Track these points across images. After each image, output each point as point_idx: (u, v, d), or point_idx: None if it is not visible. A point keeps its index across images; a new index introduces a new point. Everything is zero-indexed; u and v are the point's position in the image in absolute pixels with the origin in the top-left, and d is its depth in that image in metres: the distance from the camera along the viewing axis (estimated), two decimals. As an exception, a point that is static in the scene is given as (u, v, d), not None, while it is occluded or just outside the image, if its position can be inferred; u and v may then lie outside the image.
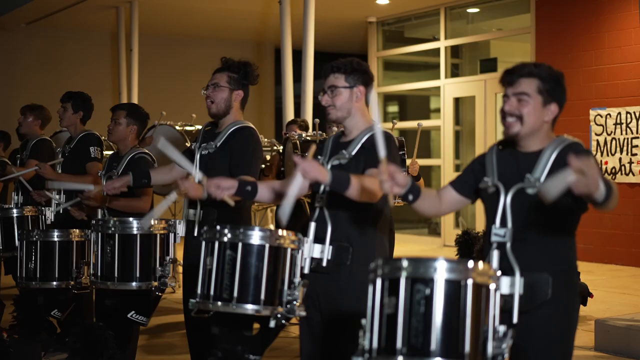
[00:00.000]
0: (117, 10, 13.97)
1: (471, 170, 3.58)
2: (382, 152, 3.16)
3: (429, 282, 2.76)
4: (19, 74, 15.57)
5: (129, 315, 5.20)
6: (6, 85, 15.48)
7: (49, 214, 6.73)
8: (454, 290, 2.77)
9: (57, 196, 6.51)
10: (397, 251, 7.53)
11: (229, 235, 3.64)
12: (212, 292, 3.64)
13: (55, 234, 5.65)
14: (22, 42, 15.68)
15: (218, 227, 3.68)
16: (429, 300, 2.75)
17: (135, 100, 13.08)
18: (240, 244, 3.62)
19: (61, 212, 6.43)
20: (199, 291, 3.69)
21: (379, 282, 2.86)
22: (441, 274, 2.76)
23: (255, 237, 3.64)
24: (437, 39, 14.31)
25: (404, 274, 2.78)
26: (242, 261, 3.61)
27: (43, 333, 6.43)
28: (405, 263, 2.80)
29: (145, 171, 5.20)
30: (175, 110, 12.07)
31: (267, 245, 3.63)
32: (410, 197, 3.36)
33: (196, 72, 14.66)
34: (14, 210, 6.68)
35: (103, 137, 7.09)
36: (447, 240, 13.53)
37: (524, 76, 3.35)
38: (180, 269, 6.55)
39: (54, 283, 5.62)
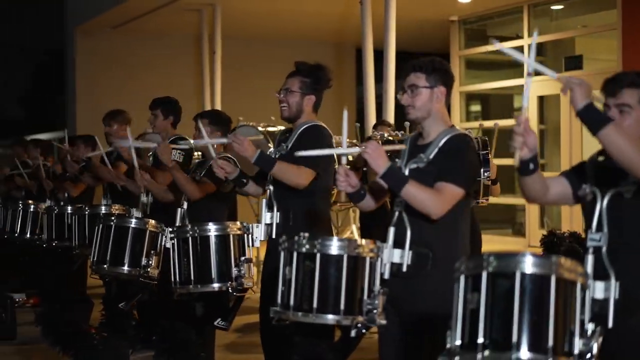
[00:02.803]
0: (200, 13, 14.13)
1: (576, 171, 3.54)
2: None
3: (511, 276, 2.76)
4: (104, 78, 15.90)
5: (215, 323, 5.24)
6: (92, 89, 15.82)
7: (136, 214, 6.83)
8: (538, 284, 2.76)
9: (145, 198, 6.62)
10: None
11: (307, 246, 3.62)
12: (292, 303, 3.62)
13: (132, 221, 5.71)
14: (107, 47, 16.00)
15: (296, 238, 3.66)
16: (510, 294, 2.75)
17: (218, 103, 13.22)
18: (318, 255, 3.59)
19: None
20: (279, 300, 3.69)
21: (462, 279, 2.86)
22: (525, 268, 2.76)
23: (334, 247, 3.61)
24: (521, 37, 14.11)
25: (486, 269, 2.79)
26: (321, 271, 3.58)
27: (130, 331, 6.53)
28: (489, 258, 2.81)
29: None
30: (258, 111, 12.15)
31: (345, 255, 3.60)
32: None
33: (278, 74, 14.66)
34: (102, 208, 6.80)
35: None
36: (532, 240, 13.32)
37: (627, 87, 3.28)
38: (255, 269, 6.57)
39: (125, 269, 5.64)
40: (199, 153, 6.58)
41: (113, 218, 5.75)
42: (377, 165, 3.55)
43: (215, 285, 4.95)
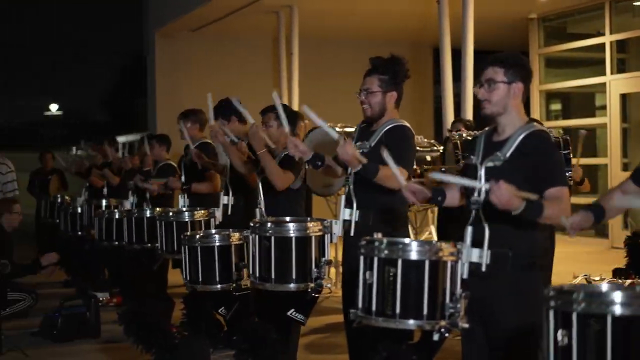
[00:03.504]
0: (278, 15, 14.22)
1: None
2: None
3: (601, 318, 2.57)
4: (183, 80, 16.11)
5: (288, 313, 5.26)
6: (172, 91, 16.05)
7: (218, 214, 6.91)
8: (630, 327, 2.57)
9: (226, 198, 6.70)
10: (563, 253, 7.32)
11: (387, 251, 3.61)
12: (373, 308, 3.61)
13: (216, 238, 5.78)
14: (187, 49, 16.22)
15: (376, 243, 3.64)
16: (602, 336, 2.57)
17: (295, 104, 13.28)
18: (399, 260, 3.58)
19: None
20: (360, 304, 3.68)
21: (551, 314, 2.71)
22: (616, 309, 2.56)
23: (414, 252, 3.59)
24: (602, 34, 13.83)
25: (576, 309, 2.62)
26: (402, 277, 3.57)
27: (211, 331, 6.59)
28: (578, 296, 2.63)
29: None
30: (336, 111, 12.15)
31: (426, 261, 3.58)
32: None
33: (355, 74, 14.69)
34: (186, 215, 6.90)
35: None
36: (615, 242, 13.05)
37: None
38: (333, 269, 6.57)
39: (218, 286, 5.76)
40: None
41: (197, 238, 5.82)
42: (510, 206, 3.43)
43: (294, 286, 4.97)
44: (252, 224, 5.13)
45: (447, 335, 3.62)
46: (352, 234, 4.78)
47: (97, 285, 9.72)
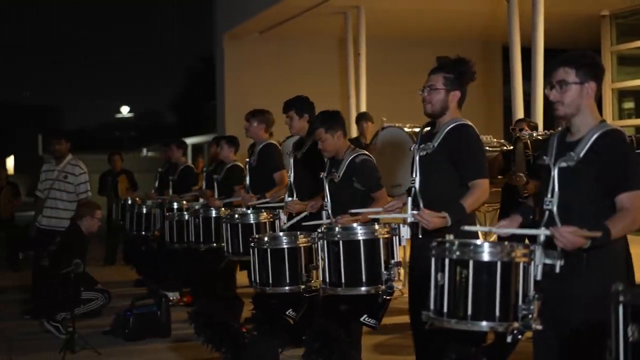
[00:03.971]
0: (345, 15, 14.23)
1: None
2: None
3: None
4: (252, 82, 16.22)
5: (361, 319, 5.24)
6: (240, 93, 16.17)
7: (283, 217, 6.92)
8: None
9: (290, 200, 6.71)
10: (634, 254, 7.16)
11: (458, 253, 3.56)
12: (445, 309, 3.57)
13: (284, 241, 5.80)
14: (255, 51, 16.32)
15: (447, 244, 3.61)
16: None
17: (363, 104, 13.26)
18: (471, 262, 3.53)
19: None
20: (431, 305, 3.64)
21: (620, 309, 2.69)
22: None
23: (486, 253, 3.54)
24: (677, 31, 13.55)
25: None
26: (474, 278, 3.52)
27: (280, 330, 6.62)
28: None
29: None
30: (404, 111, 12.10)
31: (498, 262, 3.52)
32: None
33: (423, 74, 14.64)
34: (251, 216, 6.94)
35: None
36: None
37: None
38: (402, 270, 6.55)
39: (286, 288, 5.77)
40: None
41: (266, 241, 5.85)
42: (577, 246, 3.51)
43: (364, 289, 4.96)
44: (319, 230, 5.14)
45: (520, 337, 3.57)
46: (419, 235, 4.74)
47: (167, 284, 9.83)
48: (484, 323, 3.53)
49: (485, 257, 3.53)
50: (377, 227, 5.00)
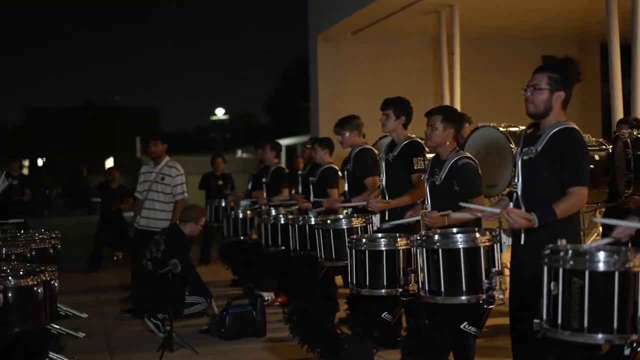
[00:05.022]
0: (438, 14, 14.12)
1: None
2: None
3: None
4: (346, 83, 16.24)
5: (461, 326, 5.19)
6: (334, 94, 16.21)
7: (376, 220, 6.91)
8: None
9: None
10: None
11: (572, 262, 3.49)
12: (559, 320, 3.51)
13: (382, 242, 5.77)
14: (349, 52, 16.33)
15: (561, 253, 3.53)
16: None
17: (457, 104, 13.14)
18: (586, 272, 3.45)
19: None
20: (544, 315, 3.59)
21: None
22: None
23: (602, 263, 3.45)
24: None
25: None
26: (590, 289, 3.45)
27: (375, 331, 6.62)
28: None
29: None
30: (499, 111, 11.95)
31: (615, 272, 3.43)
32: None
33: (518, 72, 14.41)
34: (343, 222, 6.96)
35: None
36: None
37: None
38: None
39: (383, 291, 5.75)
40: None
41: (364, 242, 5.83)
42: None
43: (465, 298, 4.91)
44: (418, 237, 5.10)
45: (639, 350, 3.46)
46: (522, 242, 4.65)
47: (262, 285, 9.93)
48: (600, 336, 3.45)
49: (601, 267, 3.45)
50: (477, 235, 4.94)
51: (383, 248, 5.71)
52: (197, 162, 23.08)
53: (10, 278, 5.35)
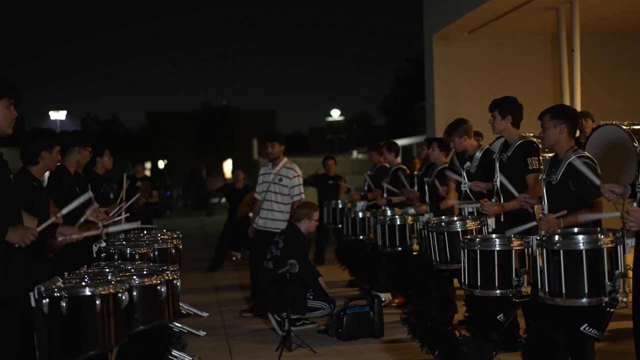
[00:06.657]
0: (557, 11, 13.83)
1: None
2: None
3: None
4: (462, 82, 16.08)
5: (581, 328, 5.07)
6: (450, 94, 16.07)
7: (490, 222, 6.83)
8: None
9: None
10: None
11: None
12: None
13: (496, 243, 5.69)
14: (465, 51, 16.17)
15: None
16: None
17: (578, 102, 12.84)
18: None
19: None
20: None
21: None
22: None
23: None
24: None
25: None
26: None
27: (494, 333, 6.54)
28: None
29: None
30: (623, 108, 11.65)
31: None
32: None
33: (641, 69, 14.08)
34: (457, 224, 6.91)
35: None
36: None
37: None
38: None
39: (497, 292, 5.67)
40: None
41: (477, 242, 5.78)
42: None
43: (586, 300, 4.80)
44: (539, 237, 5.02)
45: None
46: None
47: (379, 286, 9.93)
48: None
49: None
50: (600, 236, 4.82)
51: (496, 248, 5.64)
52: (313, 163, 23.25)
53: (135, 277, 5.49)
